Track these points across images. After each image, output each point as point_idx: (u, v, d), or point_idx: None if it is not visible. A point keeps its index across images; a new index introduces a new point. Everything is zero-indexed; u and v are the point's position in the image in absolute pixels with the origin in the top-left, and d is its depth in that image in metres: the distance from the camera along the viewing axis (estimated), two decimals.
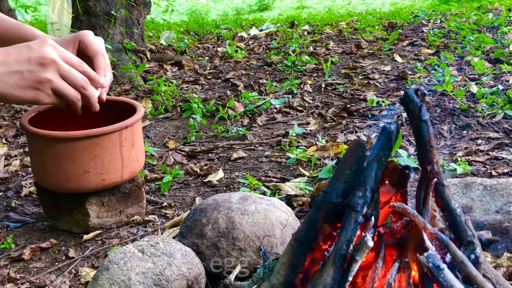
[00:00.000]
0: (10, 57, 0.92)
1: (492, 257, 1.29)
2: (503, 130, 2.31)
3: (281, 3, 10.59)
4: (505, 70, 3.09)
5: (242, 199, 1.45)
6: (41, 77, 0.94)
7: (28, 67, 0.93)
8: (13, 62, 0.92)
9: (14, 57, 0.93)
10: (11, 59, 0.92)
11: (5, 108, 3.12)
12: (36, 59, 0.94)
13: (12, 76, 0.92)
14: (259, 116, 2.79)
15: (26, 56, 0.93)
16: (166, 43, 4.90)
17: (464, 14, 5.42)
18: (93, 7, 3.72)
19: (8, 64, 0.92)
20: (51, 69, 0.96)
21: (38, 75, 0.94)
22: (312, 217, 0.85)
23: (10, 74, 0.92)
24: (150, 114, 2.94)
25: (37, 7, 9.45)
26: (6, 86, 0.92)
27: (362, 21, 5.87)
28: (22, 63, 0.93)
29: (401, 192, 0.91)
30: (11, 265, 1.56)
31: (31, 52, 0.94)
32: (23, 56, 0.93)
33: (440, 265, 0.75)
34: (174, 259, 1.25)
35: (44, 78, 0.95)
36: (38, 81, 0.94)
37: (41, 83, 0.95)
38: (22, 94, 0.94)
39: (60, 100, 1.00)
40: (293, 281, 0.86)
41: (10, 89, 0.92)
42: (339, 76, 3.53)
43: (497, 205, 1.36)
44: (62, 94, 0.99)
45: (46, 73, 0.95)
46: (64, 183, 1.55)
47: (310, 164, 2.10)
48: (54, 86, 0.97)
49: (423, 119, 0.84)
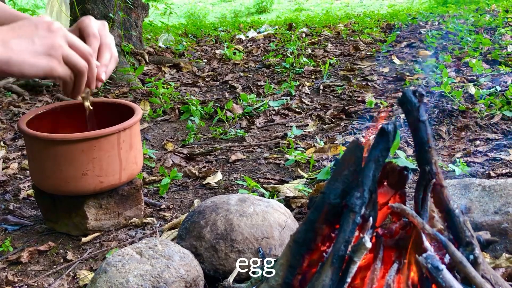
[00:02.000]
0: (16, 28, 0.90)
1: (491, 258, 1.29)
2: (501, 131, 2.31)
3: (279, 6, 10.60)
4: (503, 71, 3.09)
5: (240, 201, 1.45)
6: (53, 41, 0.91)
7: (37, 32, 0.90)
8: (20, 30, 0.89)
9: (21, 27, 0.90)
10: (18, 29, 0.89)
11: (3, 110, 3.12)
12: (43, 26, 0.91)
13: (22, 42, 0.89)
14: (258, 118, 2.79)
15: (33, 25, 0.91)
16: (164, 46, 4.90)
17: (462, 16, 5.43)
18: (91, 10, 3.72)
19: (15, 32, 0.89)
20: (59, 35, 0.93)
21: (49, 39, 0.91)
22: (310, 218, 0.85)
23: (19, 39, 0.88)
24: (148, 117, 2.94)
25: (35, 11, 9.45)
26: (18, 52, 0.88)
27: (360, 23, 5.87)
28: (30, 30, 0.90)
29: (399, 193, 0.91)
30: (9, 268, 1.55)
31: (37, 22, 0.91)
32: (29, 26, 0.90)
33: (439, 265, 0.75)
34: (172, 261, 1.24)
35: (56, 42, 0.91)
36: (50, 46, 0.91)
37: (53, 47, 0.92)
38: (36, 61, 0.90)
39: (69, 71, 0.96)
40: (292, 283, 0.86)
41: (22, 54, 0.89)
42: (337, 78, 3.53)
43: (495, 206, 1.36)
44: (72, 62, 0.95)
45: (56, 38, 0.92)
46: (62, 186, 1.54)
47: (308, 166, 2.10)
48: (65, 52, 0.93)
49: (421, 120, 0.84)
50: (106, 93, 3.35)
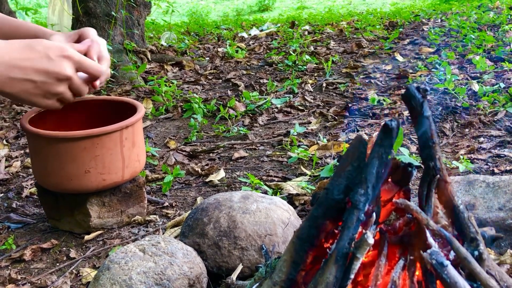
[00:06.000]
0: (29, 62, 0.93)
1: (495, 254, 1.28)
2: (505, 128, 2.30)
3: (282, 4, 10.58)
4: (507, 68, 3.08)
5: (243, 198, 1.44)
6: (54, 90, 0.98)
7: (44, 79, 0.95)
8: (31, 70, 0.93)
9: (33, 65, 0.93)
10: (29, 66, 0.93)
11: (6, 109, 3.12)
12: (54, 74, 0.96)
13: (26, 84, 0.94)
14: (260, 116, 2.79)
15: (45, 68, 0.94)
16: (166, 44, 4.90)
17: (465, 13, 5.41)
18: (94, 8, 3.72)
19: (25, 71, 0.93)
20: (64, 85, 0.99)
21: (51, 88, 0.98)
22: (314, 214, 0.84)
23: (24, 81, 0.94)
24: (151, 115, 2.93)
25: (38, 9, 9.46)
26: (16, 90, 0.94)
27: (363, 21, 5.86)
28: (39, 73, 0.94)
29: (404, 190, 0.91)
30: (12, 266, 1.55)
31: (50, 64, 0.95)
32: (42, 65, 0.94)
33: (443, 261, 0.75)
34: (175, 258, 1.24)
35: (56, 92, 0.98)
36: (49, 93, 0.98)
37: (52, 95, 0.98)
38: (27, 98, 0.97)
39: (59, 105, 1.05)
40: (295, 279, 0.85)
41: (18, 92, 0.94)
42: (340, 75, 3.52)
43: (500, 202, 1.36)
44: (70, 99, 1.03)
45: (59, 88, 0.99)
46: (65, 184, 1.54)
47: (311, 163, 2.10)
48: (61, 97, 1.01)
49: (425, 115, 0.84)
50: (108, 91, 3.35)
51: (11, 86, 0.92)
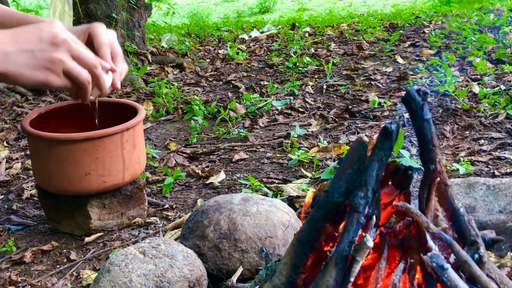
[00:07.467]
0: (20, 37, 0.90)
1: (496, 257, 1.28)
2: (505, 130, 2.30)
3: (282, 6, 10.59)
4: (507, 70, 3.08)
5: (244, 200, 1.44)
6: (53, 57, 0.92)
7: (40, 46, 0.91)
8: (23, 41, 0.90)
9: (24, 37, 0.90)
10: (21, 39, 0.90)
11: (6, 111, 3.12)
12: (48, 39, 0.91)
13: (23, 55, 0.90)
14: (261, 118, 2.79)
15: (37, 36, 0.91)
16: (167, 46, 4.90)
17: (465, 15, 5.41)
18: (94, 10, 3.73)
19: (18, 43, 0.89)
20: (62, 49, 0.93)
21: (50, 54, 0.91)
22: (314, 217, 0.84)
23: (20, 53, 0.89)
24: (151, 117, 2.94)
25: (38, 11, 9.47)
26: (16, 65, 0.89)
27: (363, 23, 5.86)
28: (33, 42, 0.90)
29: (404, 193, 0.91)
30: (12, 268, 1.55)
31: (42, 32, 0.92)
32: (33, 35, 0.91)
33: (444, 264, 0.75)
34: (175, 260, 1.24)
35: (56, 58, 0.92)
36: (50, 61, 0.92)
37: (53, 63, 0.92)
38: (33, 74, 0.91)
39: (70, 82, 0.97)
40: (295, 282, 0.85)
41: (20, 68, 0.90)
42: (341, 77, 3.52)
43: (500, 205, 1.36)
44: (73, 75, 0.96)
45: (58, 53, 0.92)
46: (66, 186, 1.54)
47: (312, 165, 2.10)
48: (65, 66, 0.94)
49: (425, 118, 0.84)
50: (109, 93, 3.35)
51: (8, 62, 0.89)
